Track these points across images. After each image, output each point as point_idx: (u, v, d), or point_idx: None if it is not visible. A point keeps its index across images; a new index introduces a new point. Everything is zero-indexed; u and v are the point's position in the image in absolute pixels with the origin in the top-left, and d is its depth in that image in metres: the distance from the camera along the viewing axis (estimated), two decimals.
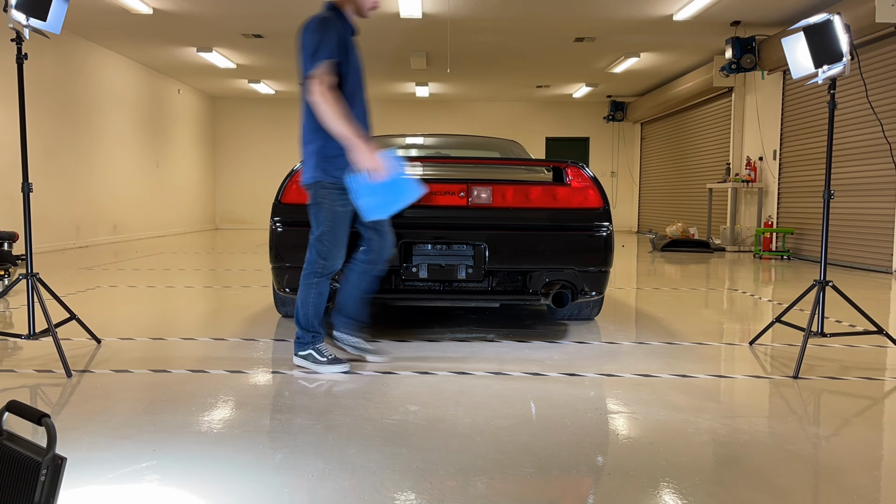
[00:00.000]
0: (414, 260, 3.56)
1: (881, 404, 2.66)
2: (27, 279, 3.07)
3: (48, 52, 8.95)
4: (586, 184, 3.65)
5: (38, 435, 2.12)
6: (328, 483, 1.86)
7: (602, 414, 2.48)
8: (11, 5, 2.84)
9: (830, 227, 8.12)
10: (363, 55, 10.76)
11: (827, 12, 3.12)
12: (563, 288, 3.60)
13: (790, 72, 3.28)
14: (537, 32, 9.27)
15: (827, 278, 3.32)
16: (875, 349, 3.59)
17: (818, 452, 2.13)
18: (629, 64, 11.14)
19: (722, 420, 2.41)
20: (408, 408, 2.52)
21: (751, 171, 10.01)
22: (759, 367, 3.22)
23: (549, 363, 3.22)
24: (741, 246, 10.17)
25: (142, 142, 11.84)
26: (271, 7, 8.19)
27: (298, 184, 3.67)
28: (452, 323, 4.16)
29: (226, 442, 2.15)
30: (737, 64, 8.87)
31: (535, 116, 15.58)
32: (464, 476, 1.91)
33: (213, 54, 10.65)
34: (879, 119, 6.69)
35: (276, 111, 15.41)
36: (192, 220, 14.31)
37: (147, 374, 2.97)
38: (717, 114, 11.58)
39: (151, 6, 8.17)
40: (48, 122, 9.00)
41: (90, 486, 1.82)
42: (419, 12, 8.22)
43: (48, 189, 8.96)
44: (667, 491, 1.83)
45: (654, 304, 5.03)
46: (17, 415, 1.32)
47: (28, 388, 2.75)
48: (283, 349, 3.46)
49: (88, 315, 4.29)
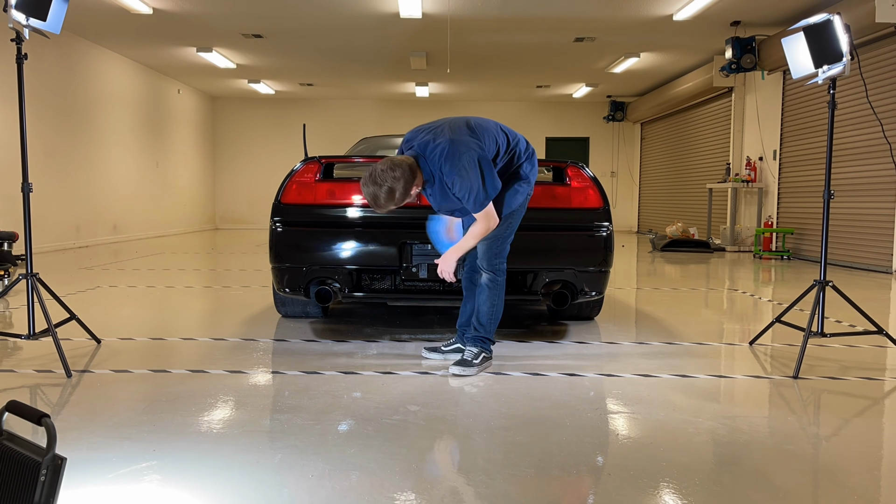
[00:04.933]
0: (414, 260, 3.56)
1: (881, 404, 2.66)
2: (27, 279, 3.06)
3: (48, 52, 8.94)
4: (586, 184, 3.65)
5: (38, 435, 2.12)
6: (328, 483, 1.85)
7: (602, 414, 2.48)
8: (11, 5, 2.84)
9: (830, 227, 8.11)
10: (363, 55, 10.77)
11: (827, 12, 3.12)
12: (563, 288, 3.60)
13: (790, 72, 3.28)
14: (537, 32, 9.27)
15: (827, 278, 3.32)
16: (875, 349, 3.59)
17: (818, 452, 2.13)
18: (629, 64, 11.14)
19: (722, 420, 2.41)
20: (408, 408, 2.52)
21: (751, 171, 10.00)
22: (759, 367, 3.22)
23: (549, 363, 3.22)
24: (741, 246, 10.16)
25: (142, 142, 11.84)
26: (271, 7, 8.19)
27: (298, 184, 3.67)
28: (452, 323, 4.16)
29: (226, 442, 2.15)
30: (737, 64, 8.87)
31: (535, 116, 15.57)
32: (464, 476, 1.91)
33: (213, 54, 10.64)
34: (879, 119, 6.69)
35: (276, 111, 15.41)
36: (192, 220, 14.31)
37: (147, 374, 2.97)
38: (716, 114, 11.58)
39: (151, 6, 8.17)
40: (48, 122, 9.00)
41: (90, 486, 1.82)
42: (419, 12, 8.22)
43: (48, 189, 8.95)
44: (667, 491, 1.83)
45: (654, 304, 5.03)
46: (17, 415, 1.32)
47: (28, 388, 2.75)
48: (283, 349, 3.46)
49: (88, 315, 4.29)
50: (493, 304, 3.08)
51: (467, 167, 2.77)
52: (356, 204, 3.60)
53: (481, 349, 3.08)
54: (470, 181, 2.76)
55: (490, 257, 3.03)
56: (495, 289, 3.06)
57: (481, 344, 3.09)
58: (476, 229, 2.90)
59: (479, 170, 2.78)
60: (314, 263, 3.57)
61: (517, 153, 3.02)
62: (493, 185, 2.82)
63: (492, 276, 3.05)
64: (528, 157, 3.04)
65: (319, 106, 15.42)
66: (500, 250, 3.06)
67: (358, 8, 8.18)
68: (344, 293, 3.61)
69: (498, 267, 3.06)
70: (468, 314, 3.24)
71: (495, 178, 2.84)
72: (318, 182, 3.64)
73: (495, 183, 2.83)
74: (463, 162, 2.77)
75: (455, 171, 2.77)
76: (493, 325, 3.11)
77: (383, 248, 3.53)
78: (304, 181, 3.65)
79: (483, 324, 3.09)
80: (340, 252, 3.55)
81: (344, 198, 3.63)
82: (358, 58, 11.02)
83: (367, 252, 3.54)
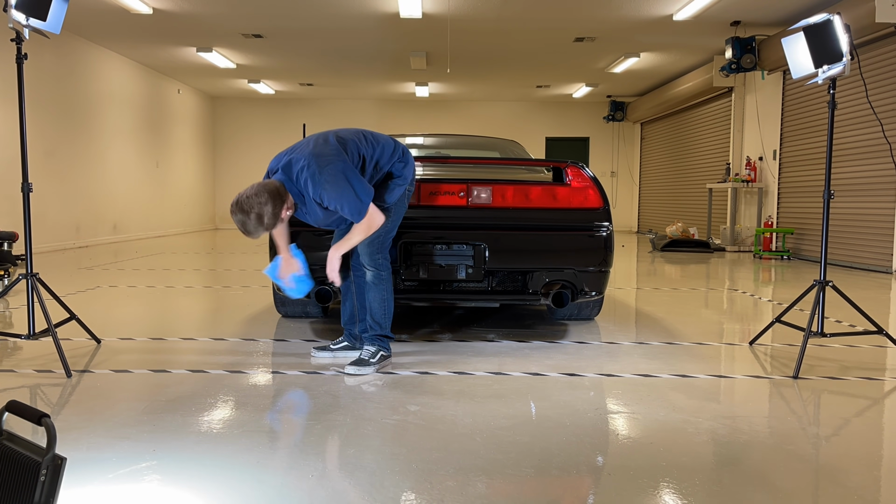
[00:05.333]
0: (414, 260, 3.56)
1: (881, 404, 2.66)
2: (27, 279, 3.06)
3: (48, 52, 8.94)
4: (586, 184, 3.65)
5: (38, 435, 2.12)
6: (328, 483, 1.85)
7: (602, 414, 2.48)
8: (11, 5, 2.84)
9: (830, 227, 8.12)
10: (363, 55, 10.77)
11: (827, 12, 3.12)
12: (563, 288, 3.60)
13: (790, 72, 3.28)
14: (537, 32, 9.27)
15: (827, 278, 3.32)
16: (875, 349, 3.59)
17: (818, 452, 2.13)
18: (629, 64, 11.14)
19: (722, 420, 2.41)
20: (408, 408, 2.52)
21: (751, 171, 10.00)
22: (759, 367, 3.22)
23: (549, 363, 3.22)
24: (741, 246, 10.16)
25: (142, 142, 11.84)
26: (271, 7, 8.19)
27: None
28: (452, 323, 4.16)
29: (226, 442, 2.15)
30: (737, 64, 8.87)
31: (535, 116, 15.57)
32: (464, 476, 1.91)
33: (213, 54, 10.65)
34: (879, 119, 6.69)
35: (276, 111, 15.41)
36: (192, 220, 14.31)
37: (147, 374, 2.97)
38: (716, 114, 11.58)
39: (151, 6, 8.17)
40: (48, 122, 9.00)
41: (90, 486, 1.82)
42: (419, 12, 8.22)
43: (48, 189, 8.95)
44: (667, 491, 1.83)
45: (654, 304, 5.03)
46: (17, 415, 1.32)
47: (28, 388, 2.75)
48: (284, 349, 3.46)
49: (88, 315, 4.29)
50: (383, 300, 3.10)
51: (332, 179, 2.74)
52: None
53: (379, 347, 3.10)
54: (340, 191, 2.74)
55: (371, 253, 3.05)
56: (381, 284, 3.08)
57: (379, 342, 3.11)
58: (359, 227, 2.89)
59: (346, 179, 2.76)
60: (314, 263, 3.57)
61: (383, 159, 2.99)
62: (365, 192, 2.80)
63: (375, 273, 3.07)
64: (397, 159, 3.03)
65: (319, 106, 15.42)
66: (382, 246, 3.07)
67: (358, 8, 8.18)
68: None
69: (381, 262, 3.08)
70: (349, 312, 3.31)
71: (365, 184, 2.82)
72: None
73: (366, 189, 2.82)
74: (325, 175, 2.75)
75: (320, 185, 2.75)
76: (387, 321, 3.13)
77: None
78: None
79: (378, 321, 3.11)
80: None
81: None
82: (358, 58, 11.02)
83: None
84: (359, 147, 2.94)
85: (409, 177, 3.08)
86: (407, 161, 3.09)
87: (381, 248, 3.07)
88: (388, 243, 3.11)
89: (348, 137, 2.95)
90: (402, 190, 3.07)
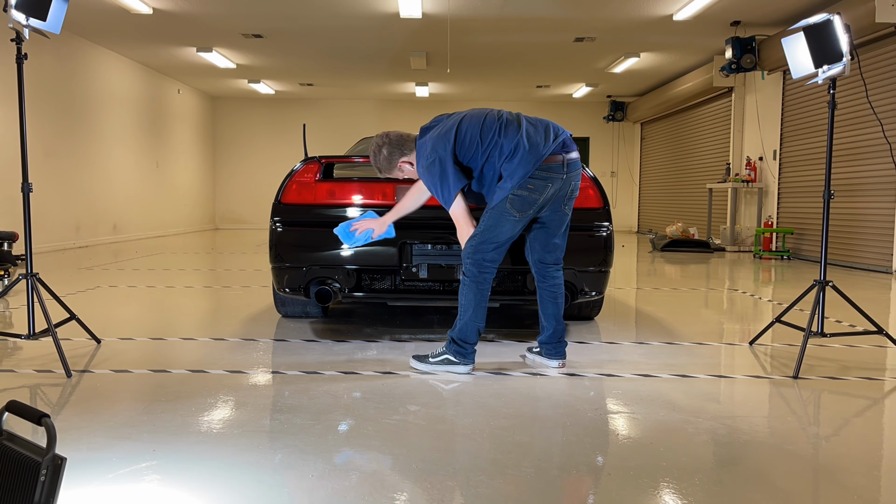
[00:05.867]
0: (414, 260, 3.56)
1: (881, 404, 2.66)
2: (27, 279, 3.06)
3: (48, 52, 8.94)
4: (586, 184, 3.65)
5: (38, 435, 2.12)
6: (328, 483, 1.85)
7: (602, 414, 2.48)
8: (11, 5, 2.84)
9: (830, 227, 8.11)
10: (363, 55, 10.77)
11: (827, 12, 3.12)
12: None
13: (790, 72, 3.28)
14: (537, 32, 9.27)
15: (827, 278, 3.32)
16: (875, 349, 3.59)
17: (818, 452, 2.13)
18: (629, 64, 11.14)
19: (722, 420, 2.41)
20: (408, 408, 2.52)
21: (751, 171, 10.00)
22: (759, 367, 3.22)
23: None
24: (741, 246, 10.16)
25: (142, 142, 11.84)
26: (271, 7, 8.19)
27: (298, 184, 3.67)
28: (452, 323, 4.16)
29: (226, 442, 2.15)
30: (737, 64, 8.87)
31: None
32: (464, 476, 1.91)
33: (213, 54, 10.64)
34: (879, 119, 6.70)
35: (276, 111, 15.41)
36: (192, 220, 14.31)
37: (147, 374, 2.97)
38: (716, 114, 11.58)
39: (151, 6, 8.17)
40: (48, 122, 9.00)
41: (90, 486, 1.82)
42: (419, 12, 8.22)
43: (48, 189, 8.95)
44: (667, 491, 1.83)
45: (654, 304, 5.03)
46: (17, 415, 1.32)
47: (28, 388, 2.75)
48: (283, 349, 3.46)
49: (88, 315, 4.29)
50: (466, 304, 2.97)
51: (427, 167, 2.96)
52: (356, 204, 3.60)
53: (444, 351, 3.02)
54: (431, 180, 2.96)
55: (469, 252, 2.98)
56: (468, 286, 2.97)
57: (451, 346, 3.01)
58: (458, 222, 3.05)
59: (440, 170, 2.91)
60: (314, 263, 3.57)
61: (492, 156, 2.94)
62: (455, 182, 2.92)
63: (463, 273, 2.99)
64: (508, 157, 2.91)
65: (319, 106, 15.42)
66: (479, 248, 2.96)
67: (358, 8, 8.18)
68: (344, 293, 3.61)
69: (476, 264, 2.96)
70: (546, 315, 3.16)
71: (455, 177, 2.92)
72: (318, 182, 3.64)
73: (457, 181, 2.92)
74: (422, 162, 2.99)
75: (420, 168, 3.02)
76: (469, 329, 2.97)
77: (383, 247, 3.53)
78: (304, 181, 3.65)
79: (457, 327, 3.01)
80: (340, 252, 3.55)
81: (344, 198, 3.63)
82: (358, 58, 11.02)
83: (367, 252, 3.54)
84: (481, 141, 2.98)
85: (514, 178, 2.91)
86: (516, 163, 2.91)
87: (479, 249, 2.95)
88: (488, 251, 2.95)
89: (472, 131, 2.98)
90: (501, 198, 2.91)
